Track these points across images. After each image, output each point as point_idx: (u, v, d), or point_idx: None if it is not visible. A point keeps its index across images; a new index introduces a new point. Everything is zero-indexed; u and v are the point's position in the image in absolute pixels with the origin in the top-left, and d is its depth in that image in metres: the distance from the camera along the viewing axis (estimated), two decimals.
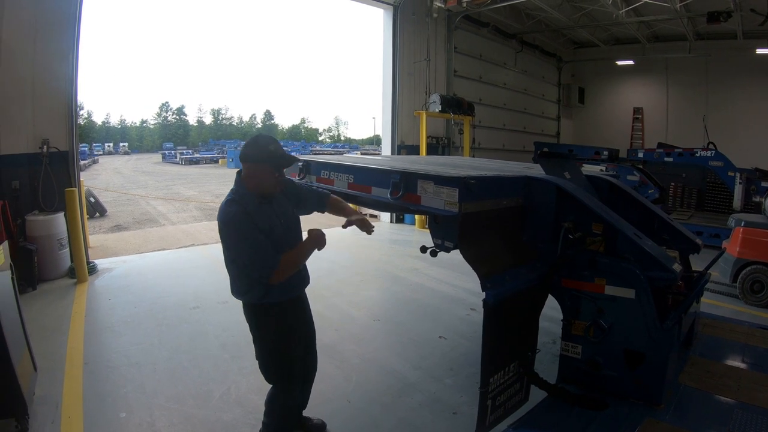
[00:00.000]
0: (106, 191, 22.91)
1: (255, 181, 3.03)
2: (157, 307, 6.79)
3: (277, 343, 3.24)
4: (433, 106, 13.67)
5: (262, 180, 3.03)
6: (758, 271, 7.37)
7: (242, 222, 2.92)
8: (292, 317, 3.29)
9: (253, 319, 3.23)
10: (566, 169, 4.15)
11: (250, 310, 3.22)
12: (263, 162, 3.00)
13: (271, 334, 3.22)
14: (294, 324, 3.32)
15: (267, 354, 3.26)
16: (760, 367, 3.86)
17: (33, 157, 7.98)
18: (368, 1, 13.70)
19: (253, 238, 2.91)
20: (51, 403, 4.31)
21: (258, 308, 3.18)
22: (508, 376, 3.22)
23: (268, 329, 3.21)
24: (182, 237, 12.48)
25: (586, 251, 3.37)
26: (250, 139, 3.15)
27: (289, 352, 3.28)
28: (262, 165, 3.00)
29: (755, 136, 18.11)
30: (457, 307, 7.02)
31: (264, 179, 3.03)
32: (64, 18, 8.12)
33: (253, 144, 3.08)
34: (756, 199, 11.19)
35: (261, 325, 3.23)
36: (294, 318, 3.33)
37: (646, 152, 14.60)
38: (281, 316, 3.21)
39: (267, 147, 3.03)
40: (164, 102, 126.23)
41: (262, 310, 3.18)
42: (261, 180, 3.03)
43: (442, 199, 3.09)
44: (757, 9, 13.66)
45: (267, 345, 3.25)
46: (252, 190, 3.04)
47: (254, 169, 3.02)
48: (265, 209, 3.07)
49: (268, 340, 3.24)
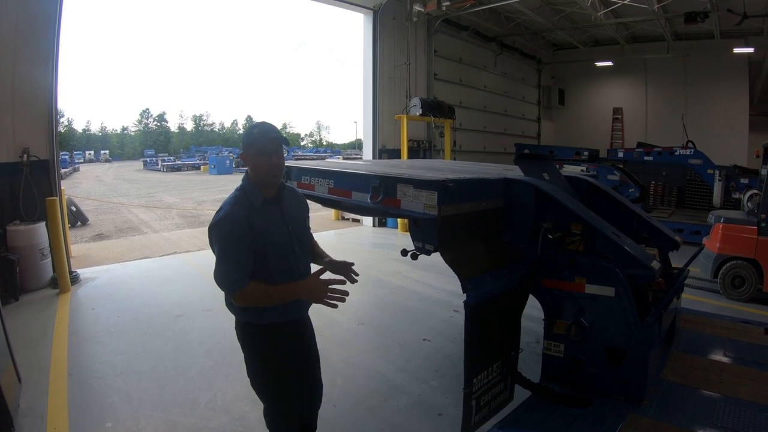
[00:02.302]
0: (88, 200, 22.69)
1: (252, 171, 2.88)
2: (141, 316, 6.74)
3: (266, 366, 2.95)
4: (414, 109, 13.72)
5: (255, 166, 2.85)
6: (738, 266, 7.49)
7: (227, 228, 2.73)
8: (287, 342, 2.98)
9: (243, 337, 2.98)
10: (545, 170, 4.19)
11: (242, 328, 2.96)
12: (250, 146, 2.84)
13: (260, 356, 2.95)
14: (288, 350, 2.98)
15: (255, 377, 2.99)
16: (742, 360, 3.91)
17: (13, 167, 7.88)
18: (348, 5, 13.67)
19: (229, 250, 2.71)
20: (36, 414, 4.27)
21: (250, 327, 2.91)
22: (492, 376, 3.24)
23: (257, 351, 2.95)
24: (165, 245, 12.43)
25: (565, 251, 3.40)
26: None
27: (278, 378, 2.97)
28: (249, 150, 2.84)
29: (734, 133, 18.35)
30: (441, 309, 7.05)
31: (256, 165, 2.84)
32: (43, 25, 8.05)
33: (244, 133, 2.97)
34: (735, 196, 11.37)
35: (251, 346, 2.96)
36: (289, 343, 3.00)
37: (626, 152, 14.81)
38: (275, 340, 2.92)
39: (251, 131, 2.90)
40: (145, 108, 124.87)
41: (254, 330, 2.90)
42: (254, 167, 2.86)
43: (422, 202, 3.09)
44: (734, 9, 13.85)
45: (256, 367, 2.97)
46: (254, 181, 2.88)
47: (245, 158, 2.88)
48: (270, 210, 2.89)
49: (256, 362, 2.96)
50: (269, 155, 2.82)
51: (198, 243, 12.49)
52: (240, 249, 2.71)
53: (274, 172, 2.87)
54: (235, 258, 2.70)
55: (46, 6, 8.05)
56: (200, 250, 11.42)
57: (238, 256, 2.70)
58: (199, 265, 9.75)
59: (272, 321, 2.89)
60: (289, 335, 3.00)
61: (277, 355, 2.94)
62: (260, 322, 2.87)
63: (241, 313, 2.89)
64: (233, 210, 2.76)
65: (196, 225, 16.52)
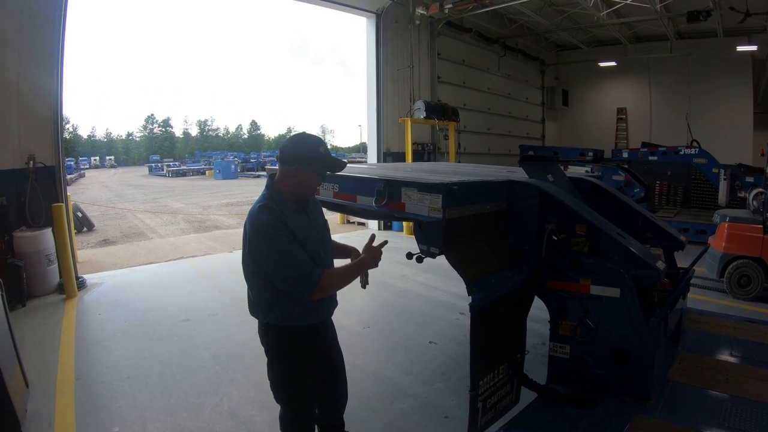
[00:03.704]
0: (94, 205, 22.74)
1: (294, 183, 2.80)
2: (147, 321, 6.76)
3: (289, 370, 2.93)
4: (418, 112, 13.70)
5: (304, 183, 2.80)
6: (745, 266, 7.46)
7: (278, 231, 2.65)
8: (311, 345, 2.96)
9: (268, 340, 2.93)
10: (549, 172, 4.19)
11: (267, 330, 2.91)
12: (310, 162, 2.77)
13: (285, 359, 2.92)
14: (311, 353, 2.97)
15: (276, 380, 2.97)
16: (748, 359, 3.90)
17: (19, 173, 7.92)
18: (351, 9, 13.70)
19: (291, 250, 2.66)
20: (44, 419, 4.29)
21: (276, 329, 2.87)
22: (498, 378, 3.24)
23: (281, 354, 2.92)
24: (170, 250, 12.45)
25: (570, 252, 3.41)
26: (294, 138, 2.88)
27: (299, 383, 2.96)
28: (307, 167, 2.77)
29: (738, 132, 18.28)
30: (447, 312, 7.05)
31: (307, 182, 2.81)
32: (48, 31, 8.09)
33: (300, 143, 2.83)
34: (741, 195, 11.29)
35: (276, 348, 2.92)
36: (313, 346, 2.98)
37: (631, 152, 14.78)
38: (299, 342, 2.90)
39: (317, 148, 2.79)
40: (150, 114, 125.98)
41: (280, 332, 2.87)
42: (302, 183, 2.80)
43: (426, 205, 3.11)
44: (736, 7, 13.80)
45: (278, 371, 2.94)
46: (288, 193, 2.80)
47: (297, 172, 2.77)
48: (301, 217, 2.84)
49: (279, 365, 2.94)
50: (324, 176, 2.87)
51: (204, 248, 12.54)
52: (296, 246, 2.69)
53: (315, 193, 2.94)
54: (299, 255, 2.68)
55: (50, 12, 8.09)
56: (206, 255, 11.46)
57: (299, 253, 2.69)
58: (205, 269, 9.79)
59: (299, 323, 2.87)
60: (313, 337, 2.99)
61: (301, 358, 2.93)
62: (287, 323, 2.85)
63: (267, 314, 2.85)
64: (272, 217, 2.68)
65: (202, 230, 16.54)
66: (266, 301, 2.82)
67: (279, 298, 2.77)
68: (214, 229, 16.68)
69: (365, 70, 14.45)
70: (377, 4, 13.70)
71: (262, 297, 2.84)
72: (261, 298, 2.85)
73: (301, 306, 2.81)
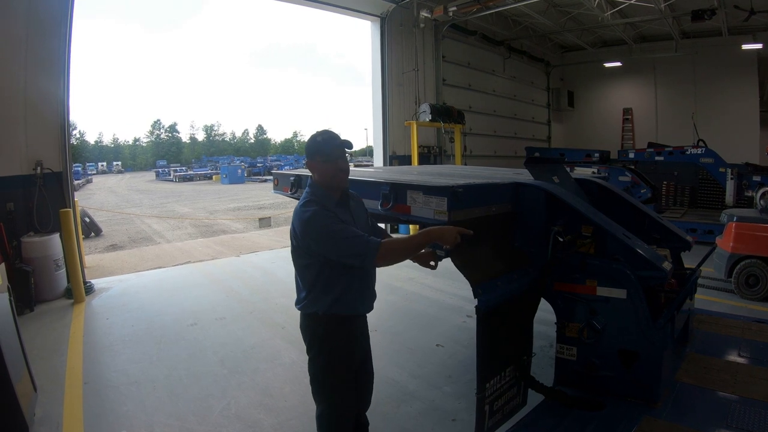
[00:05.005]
0: (101, 211, 22.85)
1: (319, 176, 2.97)
2: (155, 325, 6.78)
3: (330, 361, 2.97)
4: (423, 115, 13.69)
5: (323, 173, 2.94)
6: (753, 265, 7.42)
7: (327, 215, 2.80)
8: (354, 336, 3.04)
9: (312, 332, 2.99)
10: (555, 174, 4.19)
11: (312, 321, 2.97)
12: (315, 154, 2.93)
13: (327, 350, 2.97)
14: (352, 343, 3.03)
15: (316, 373, 3.01)
16: (757, 360, 3.89)
17: (27, 179, 7.97)
18: (355, 13, 13.69)
19: (342, 228, 2.77)
20: (52, 423, 4.31)
21: (317, 318, 2.94)
22: (505, 380, 3.24)
23: (323, 344, 2.97)
24: (178, 255, 12.47)
25: (576, 254, 3.40)
26: (309, 138, 3.05)
27: (340, 375, 2.99)
28: (315, 158, 2.94)
29: (744, 131, 18.19)
30: (454, 314, 7.04)
31: (324, 171, 2.93)
32: (55, 38, 8.13)
33: (308, 140, 3.02)
34: (748, 194, 11.27)
35: (318, 339, 2.97)
36: (353, 337, 3.04)
37: (637, 152, 14.75)
38: (340, 332, 2.97)
39: (315, 140, 2.96)
40: (156, 120, 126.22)
41: (321, 320, 2.93)
42: (322, 173, 2.94)
43: (432, 208, 3.11)
44: (741, 5, 13.76)
45: (320, 363, 2.99)
46: (323, 186, 2.95)
47: (312, 166, 2.98)
48: (341, 211, 2.95)
49: (322, 358, 2.98)
50: (335, 161, 2.91)
51: (211, 252, 12.56)
52: (346, 225, 2.82)
53: (341, 176, 2.96)
54: (351, 230, 2.79)
55: (57, 19, 8.13)
56: (213, 259, 11.47)
57: (351, 229, 2.80)
58: (212, 274, 9.79)
59: (340, 312, 2.95)
60: (353, 329, 3.05)
61: (343, 348, 3.00)
62: (330, 311, 2.92)
63: (316, 303, 2.93)
64: (317, 207, 2.83)
65: (209, 234, 16.61)
66: (318, 289, 2.91)
67: (331, 285, 2.89)
68: (221, 234, 16.74)
69: (371, 74, 14.44)
70: (381, 8, 13.70)
71: (313, 285, 2.92)
72: (313, 286, 2.93)
73: (351, 293, 2.94)
